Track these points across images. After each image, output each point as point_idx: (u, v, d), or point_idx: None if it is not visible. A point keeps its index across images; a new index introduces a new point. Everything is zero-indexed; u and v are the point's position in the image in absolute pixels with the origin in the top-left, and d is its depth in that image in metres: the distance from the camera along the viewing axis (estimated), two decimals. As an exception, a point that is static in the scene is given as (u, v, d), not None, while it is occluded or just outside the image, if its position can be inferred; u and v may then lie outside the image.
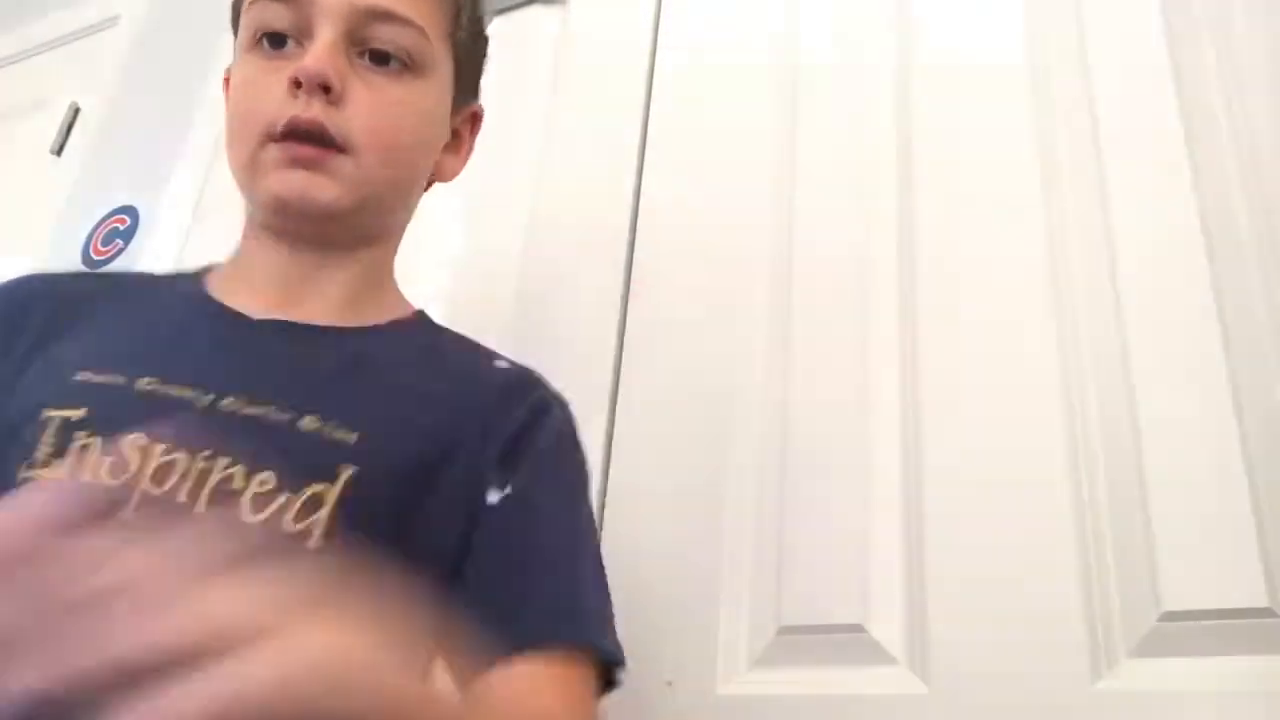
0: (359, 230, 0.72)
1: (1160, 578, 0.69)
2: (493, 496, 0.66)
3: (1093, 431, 0.75)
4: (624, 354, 0.97)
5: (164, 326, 0.69)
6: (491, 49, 0.83)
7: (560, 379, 0.99)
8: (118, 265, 1.39)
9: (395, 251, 0.79)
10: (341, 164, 0.67)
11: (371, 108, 0.68)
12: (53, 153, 1.57)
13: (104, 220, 1.46)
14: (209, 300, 0.71)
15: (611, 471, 0.92)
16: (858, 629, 0.77)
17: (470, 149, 0.82)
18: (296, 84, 0.67)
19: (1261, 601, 0.66)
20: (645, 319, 0.98)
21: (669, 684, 0.81)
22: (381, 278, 0.77)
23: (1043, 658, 0.70)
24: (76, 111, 1.61)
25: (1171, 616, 0.68)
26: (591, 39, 1.18)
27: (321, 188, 0.67)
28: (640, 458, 0.92)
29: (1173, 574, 0.69)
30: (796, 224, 0.95)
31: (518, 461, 0.67)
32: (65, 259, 1.43)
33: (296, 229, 0.71)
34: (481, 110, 0.82)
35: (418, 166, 0.75)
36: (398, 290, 0.79)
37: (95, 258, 1.42)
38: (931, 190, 0.89)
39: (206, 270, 0.75)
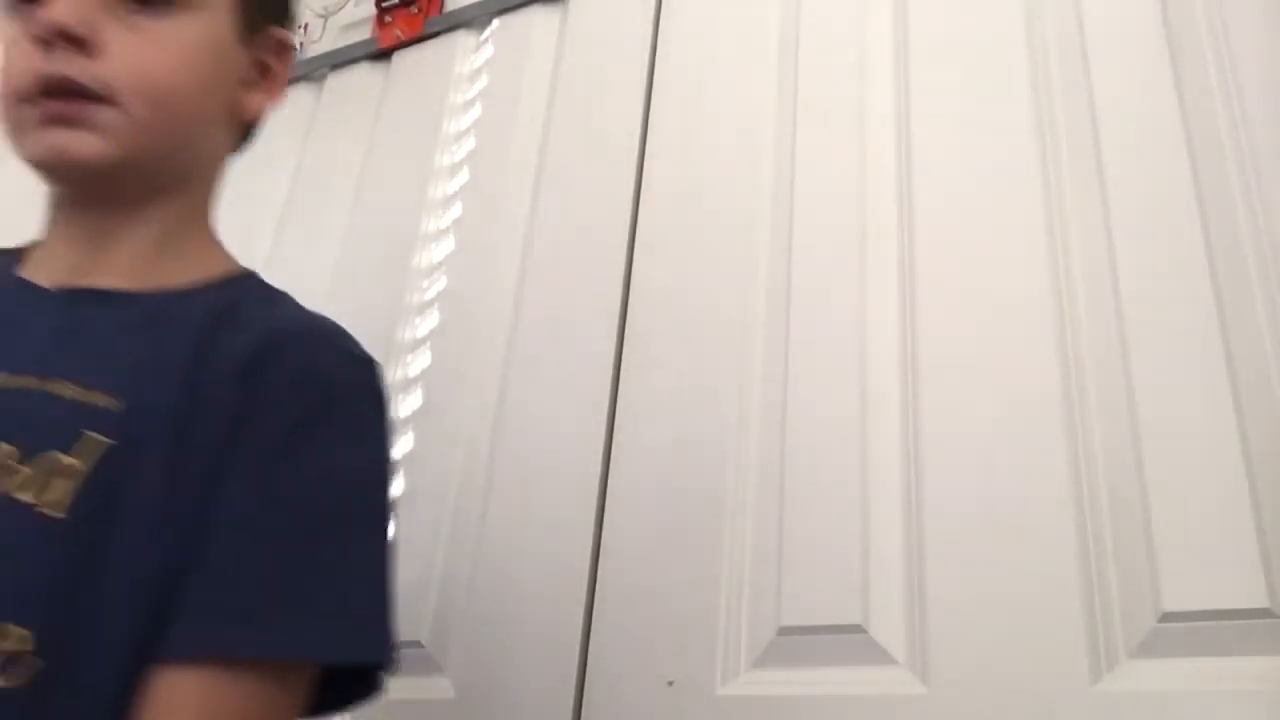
0: (145, 182, 0.67)
1: (1160, 578, 0.69)
2: (228, 470, 0.59)
3: (1093, 432, 0.75)
4: (624, 353, 0.97)
5: None
6: (492, 49, 0.83)
7: (560, 378, 1.00)
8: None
9: (206, 202, 0.72)
10: (104, 115, 0.62)
11: (132, 52, 0.63)
12: (53, 153, 1.57)
13: (104, 220, 1.45)
14: (8, 275, 0.68)
15: (611, 471, 0.92)
16: (858, 629, 0.77)
17: (280, 80, 0.75)
18: (42, 40, 0.62)
19: (1261, 601, 0.66)
20: (645, 319, 0.98)
21: (669, 684, 0.81)
22: (190, 231, 0.70)
23: (1043, 658, 0.70)
24: (76, 111, 1.61)
25: (1171, 617, 0.68)
26: (591, 39, 1.18)
27: (83, 143, 0.62)
28: (639, 457, 0.92)
29: (1173, 574, 0.69)
30: (797, 223, 0.95)
31: (265, 431, 0.60)
32: (65, 259, 1.43)
33: (75, 189, 0.67)
34: (288, 38, 0.75)
35: (198, 107, 0.68)
36: (216, 247, 0.72)
37: (95, 258, 1.42)
38: (934, 200, 0.89)
39: (31, 244, 0.72)
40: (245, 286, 0.70)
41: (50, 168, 0.65)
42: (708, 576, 0.83)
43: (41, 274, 0.67)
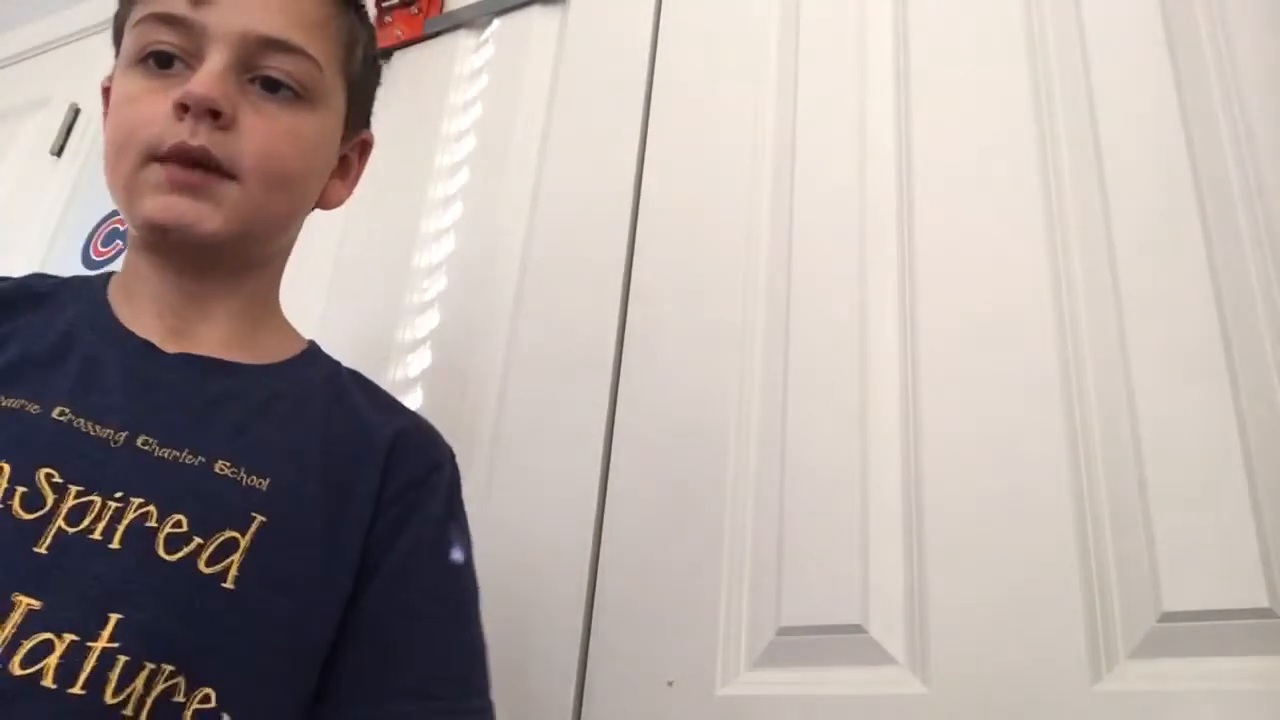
0: (242, 257, 0.72)
1: (1160, 578, 0.69)
2: (379, 558, 0.68)
3: (1093, 432, 0.75)
4: (624, 353, 0.97)
5: (75, 349, 0.66)
6: (492, 49, 0.83)
7: (560, 378, 1.00)
8: (118, 266, 1.39)
9: (280, 277, 0.78)
10: (227, 190, 0.66)
11: (262, 135, 0.67)
12: (53, 153, 1.57)
13: (104, 220, 1.46)
14: (115, 323, 0.69)
15: (611, 470, 0.92)
16: (858, 629, 0.77)
17: (358, 176, 0.81)
18: (183, 108, 0.65)
19: (1261, 601, 0.66)
20: (645, 319, 0.98)
21: (669, 684, 0.81)
22: (270, 305, 0.76)
23: (1043, 658, 0.70)
24: (77, 111, 1.61)
25: (1171, 617, 0.68)
26: (591, 39, 1.18)
27: (204, 216, 0.66)
28: (639, 457, 0.92)
29: (1173, 574, 0.69)
30: (797, 223, 0.95)
31: (407, 523, 0.69)
32: (65, 259, 1.43)
33: (178, 255, 0.69)
34: (371, 138, 0.81)
35: (304, 195, 0.74)
36: (286, 319, 0.78)
37: (95, 258, 1.42)
38: (934, 202, 0.89)
39: (106, 279, 0.74)
40: (322, 360, 0.77)
41: (162, 230, 0.67)
42: (708, 576, 0.83)
43: (142, 327, 0.69)
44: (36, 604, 0.54)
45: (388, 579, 0.67)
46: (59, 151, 1.57)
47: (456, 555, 0.72)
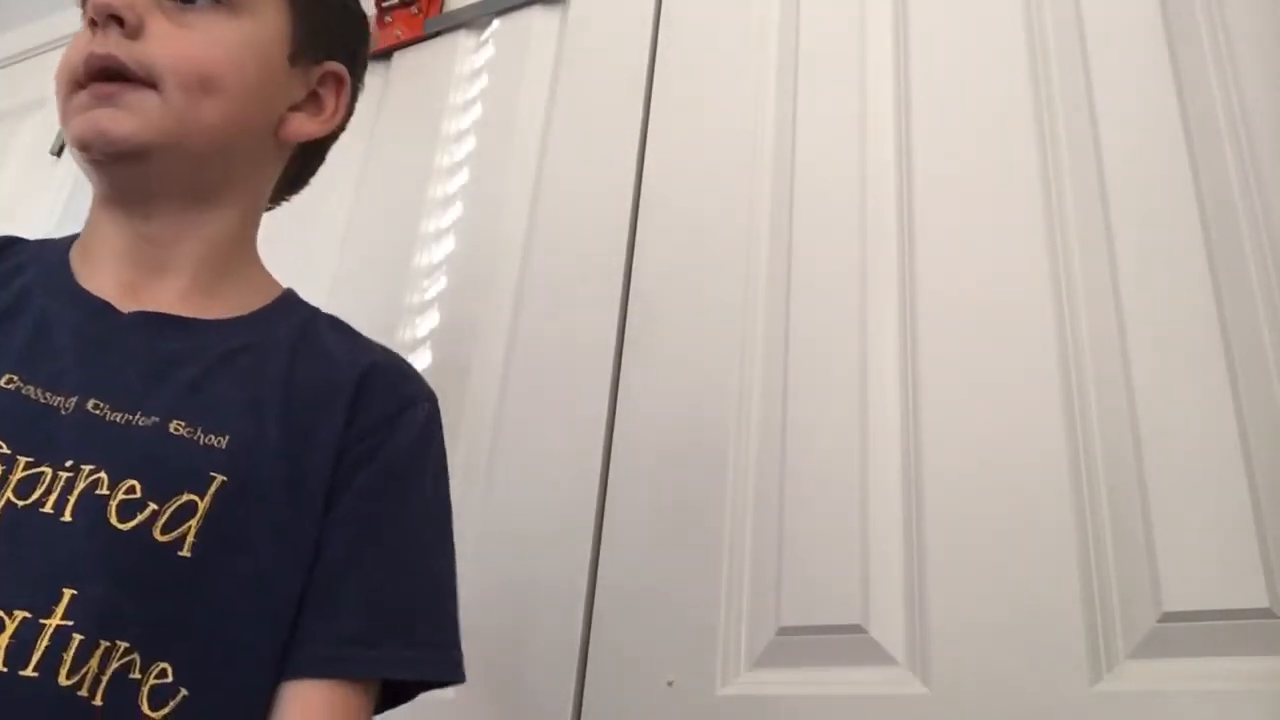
0: (187, 183, 0.68)
1: (1160, 578, 0.69)
2: (338, 496, 0.65)
3: (1093, 432, 0.75)
4: (624, 353, 0.97)
5: (28, 311, 0.64)
6: (492, 49, 0.82)
7: (559, 379, 1.00)
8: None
9: (250, 224, 0.74)
10: (143, 98, 0.64)
11: (173, 39, 0.66)
12: (53, 153, 1.57)
13: (104, 220, 1.45)
14: (71, 282, 0.66)
15: (610, 470, 0.92)
16: (858, 629, 0.77)
17: (336, 114, 0.77)
18: (93, 24, 0.65)
19: (1262, 602, 0.66)
20: (645, 319, 0.98)
21: (669, 684, 0.81)
22: (238, 252, 0.73)
23: (1043, 658, 0.70)
24: (77, 111, 1.60)
25: (1171, 617, 0.68)
26: (591, 39, 1.18)
27: (118, 121, 0.64)
28: (639, 457, 0.92)
29: (1173, 575, 0.69)
30: (797, 223, 0.95)
31: (370, 462, 0.67)
32: (65, 259, 1.43)
33: (112, 178, 0.67)
34: (343, 72, 0.77)
35: (240, 107, 0.69)
36: (262, 267, 0.75)
37: (95, 258, 1.42)
38: (934, 203, 0.90)
39: (70, 240, 0.71)
40: (298, 307, 0.74)
41: (85, 145, 0.65)
42: (708, 576, 0.83)
43: (99, 284, 0.67)
44: None
45: (342, 516, 0.65)
46: (59, 151, 1.57)
47: (423, 494, 0.69)
